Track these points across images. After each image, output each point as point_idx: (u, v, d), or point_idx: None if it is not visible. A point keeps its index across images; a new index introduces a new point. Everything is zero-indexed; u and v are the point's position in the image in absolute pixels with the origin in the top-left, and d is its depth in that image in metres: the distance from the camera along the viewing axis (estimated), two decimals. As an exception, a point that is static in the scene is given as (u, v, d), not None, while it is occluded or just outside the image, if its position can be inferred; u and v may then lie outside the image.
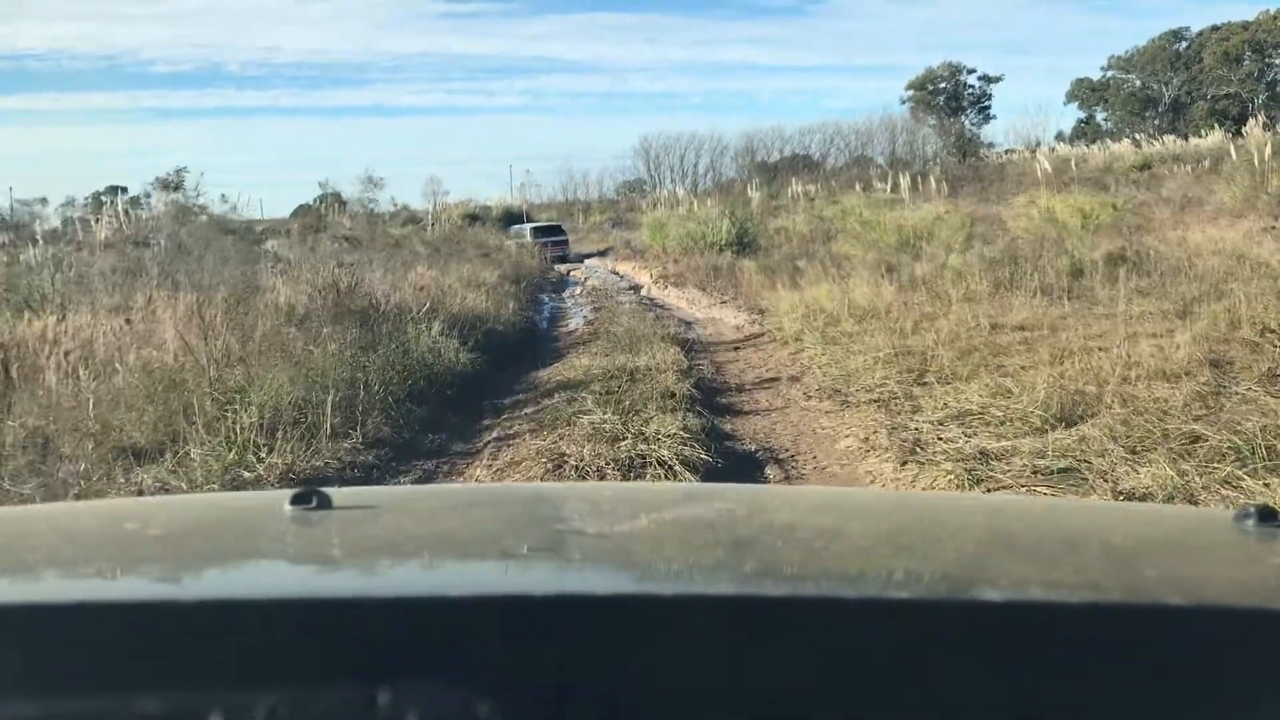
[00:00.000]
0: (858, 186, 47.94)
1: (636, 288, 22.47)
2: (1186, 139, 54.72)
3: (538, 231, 36.14)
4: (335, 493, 1.33)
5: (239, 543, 1.29)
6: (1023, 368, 7.97)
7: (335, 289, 8.77)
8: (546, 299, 20.49)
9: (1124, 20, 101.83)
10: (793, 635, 0.82)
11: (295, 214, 45.79)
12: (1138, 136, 57.62)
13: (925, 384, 7.84)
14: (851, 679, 0.80)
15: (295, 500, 1.27)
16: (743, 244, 23.97)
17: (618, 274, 28.88)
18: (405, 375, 8.08)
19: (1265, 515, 1.22)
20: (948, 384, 7.64)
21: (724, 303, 15.96)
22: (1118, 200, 22.36)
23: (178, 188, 29.41)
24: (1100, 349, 8.47)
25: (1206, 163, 46.08)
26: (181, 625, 0.84)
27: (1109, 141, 58.35)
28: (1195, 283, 11.86)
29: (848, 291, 12.40)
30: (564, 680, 0.78)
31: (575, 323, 15.14)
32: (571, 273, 31.85)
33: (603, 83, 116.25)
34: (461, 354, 9.48)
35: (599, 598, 0.90)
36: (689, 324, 14.37)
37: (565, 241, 36.13)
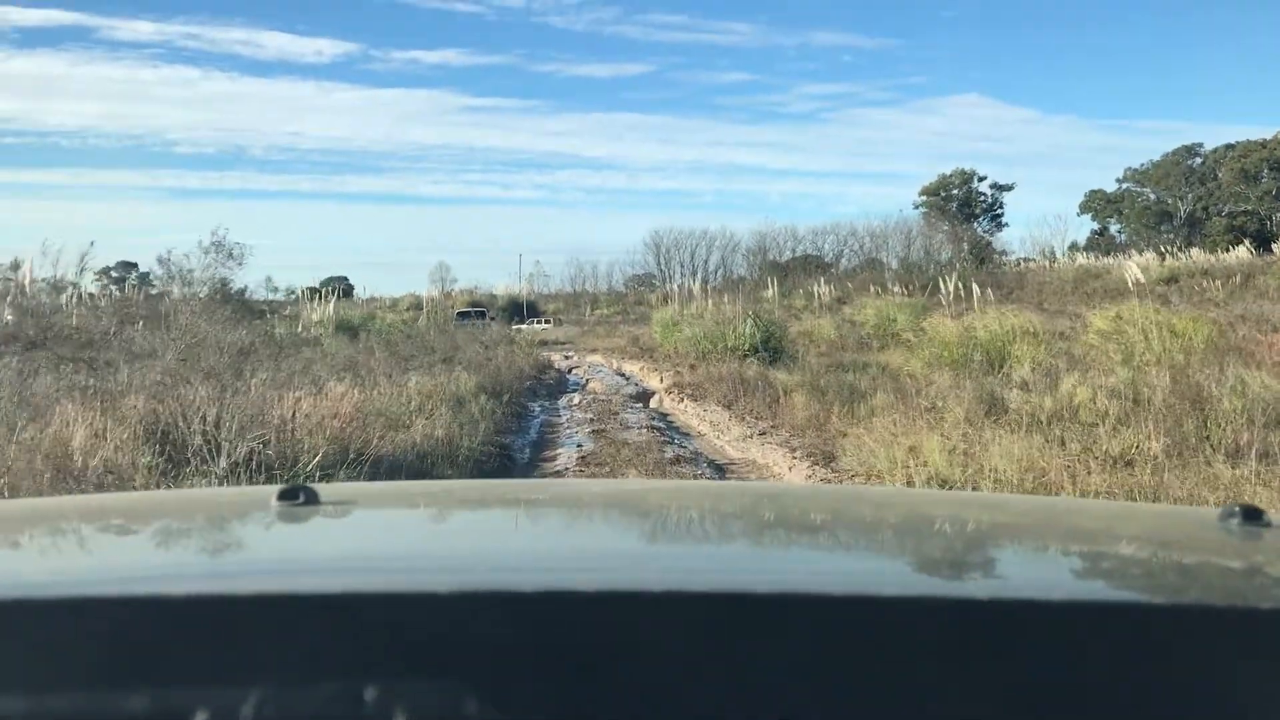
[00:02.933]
0: (872, 289, 44.68)
1: (646, 396, 18.24)
2: (1215, 253, 51.45)
3: (463, 315, 41.42)
4: (322, 488, 1.27)
5: (226, 538, 1.23)
6: None
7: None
8: (537, 409, 16.20)
9: (1130, 138, 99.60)
10: (783, 631, 0.79)
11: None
12: (1163, 249, 54.54)
13: None
14: (841, 675, 0.76)
15: (282, 496, 1.22)
16: (769, 349, 19.82)
17: (624, 375, 24.68)
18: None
19: (1249, 515, 1.19)
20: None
21: (763, 434, 11.64)
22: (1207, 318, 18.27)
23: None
24: None
25: (1237, 278, 43.52)
26: (168, 621, 0.79)
27: (1134, 253, 55.12)
28: None
29: (959, 440, 8.14)
30: (552, 676, 0.74)
31: (566, 456, 10.81)
32: (573, 370, 27.69)
33: (617, 179, 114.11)
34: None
35: (587, 594, 0.84)
36: (722, 470, 10.06)
37: (484, 315, 41.62)
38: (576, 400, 16.96)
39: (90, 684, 0.73)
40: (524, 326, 44.40)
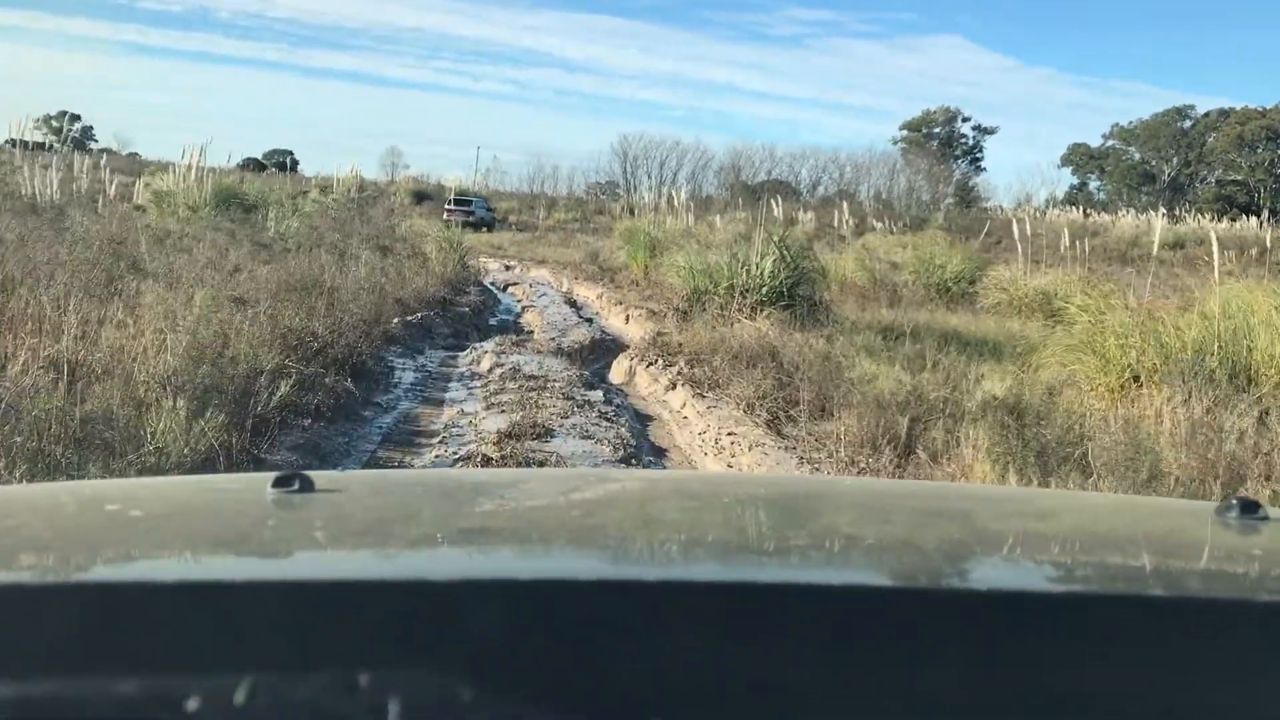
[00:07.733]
0: (850, 221, 37.35)
1: (608, 354, 10.41)
2: (1219, 220, 44.51)
3: (457, 204, 37.99)
4: (318, 476, 1.15)
5: (221, 525, 1.13)
6: None
7: None
8: (405, 387, 8.21)
9: (1107, 97, 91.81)
10: (779, 622, 0.75)
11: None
12: (1163, 210, 47.54)
13: None
14: (838, 667, 0.72)
15: (278, 483, 1.11)
16: (798, 297, 11.97)
17: (575, 305, 16.70)
18: None
19: (1247, 507, 1.11)
20: None
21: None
22: None
23: None
24: None
25: (1254, 251, 37.86)
26: (162, 607, 0.74)
27: (1134, 211, 47.99)
28: None
29: None
30: (548, 665, 0.70)
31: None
32: (509, 288, 19.59)
33: (589, 83, 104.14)
34: None
35: (583, 583, 0.80)
36: None
37: (472, 213, 37.13)
38: (486, 365, 8.92)
39: (81, 671, 0.69)
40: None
